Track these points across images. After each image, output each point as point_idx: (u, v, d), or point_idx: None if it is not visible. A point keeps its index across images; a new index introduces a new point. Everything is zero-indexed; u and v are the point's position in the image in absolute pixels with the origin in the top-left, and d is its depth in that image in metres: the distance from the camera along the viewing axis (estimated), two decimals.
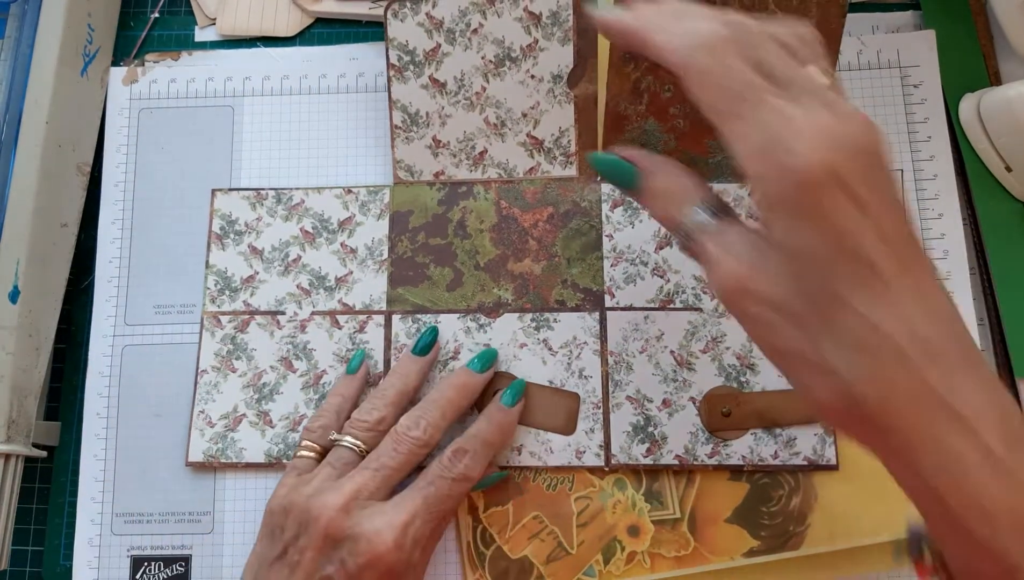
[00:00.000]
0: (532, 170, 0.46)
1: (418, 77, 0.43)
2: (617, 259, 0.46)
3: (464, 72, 0.43)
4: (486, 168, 0.45)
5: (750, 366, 0.44)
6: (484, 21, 0.43)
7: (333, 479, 0.40)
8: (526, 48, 0.44)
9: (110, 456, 0.46)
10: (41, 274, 0.45)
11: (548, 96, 0.44)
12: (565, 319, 0.45)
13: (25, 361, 0.44)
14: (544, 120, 0.44)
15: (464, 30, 0.44)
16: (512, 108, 0.44)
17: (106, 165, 0.50)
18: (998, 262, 0.46)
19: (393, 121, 0.45)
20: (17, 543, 0.47)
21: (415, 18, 0.43)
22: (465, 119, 0.44)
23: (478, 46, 0.43)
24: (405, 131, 0.44)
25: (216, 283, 0.47)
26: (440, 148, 0.45)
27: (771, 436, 0.44)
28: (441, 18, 0.44)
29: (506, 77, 0.43)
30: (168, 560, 0.45)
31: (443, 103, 0.44)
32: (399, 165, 0.47)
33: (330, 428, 0.42)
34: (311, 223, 0.48)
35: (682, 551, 0.43)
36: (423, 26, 0.43)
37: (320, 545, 0.37)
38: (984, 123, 0.47)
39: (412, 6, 0.44)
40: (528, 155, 0.46)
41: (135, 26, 0.53)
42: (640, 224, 0.46)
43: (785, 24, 0.29)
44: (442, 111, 0.44)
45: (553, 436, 0.44)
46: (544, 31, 0.43)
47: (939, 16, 0.50)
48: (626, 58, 0.43)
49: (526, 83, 0.43)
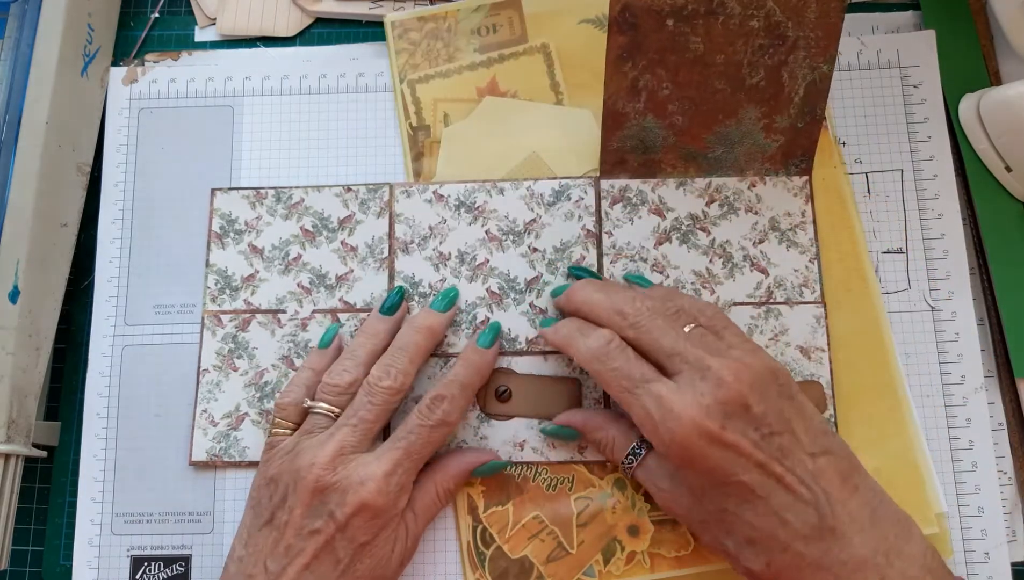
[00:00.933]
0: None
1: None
2: (617, 256, 0.46)
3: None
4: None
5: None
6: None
7: (312, 443, 0.40)
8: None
9: (110, 456, 0.46)
10: (41, 274, 0.45)
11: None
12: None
13: (25, 361, 0.44)
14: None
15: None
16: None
17: (106, 165, 0.50)
18: (998, 262, 0.46)
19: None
20: (17, 543, 0.47)
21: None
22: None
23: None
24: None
25: (216, 282, 0.47)
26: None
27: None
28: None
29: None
30: (168, 560, 0.45)
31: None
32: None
33: (302, 401, 0.43)
34: (311, 222, 0.48)
35: (682, 551, 0.43)
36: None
37: (308, 501, 0.38)
38: (984, 123, 0.47)
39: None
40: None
41: (135, 26, 0.53)
42: (639, 220, 0.46)
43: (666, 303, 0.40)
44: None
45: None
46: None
47: (939, 16, 0.50)
48: (623, 57, 0.43)
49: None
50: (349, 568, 0.38)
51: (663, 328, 0.38)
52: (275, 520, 0.39)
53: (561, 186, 0.47)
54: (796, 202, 0.46)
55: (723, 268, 0.46)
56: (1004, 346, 0.46)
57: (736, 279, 0.46)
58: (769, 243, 0.46)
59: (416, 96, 0.50)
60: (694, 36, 0.42)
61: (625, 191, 0.47)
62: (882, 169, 0.48)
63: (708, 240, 0.46)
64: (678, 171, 0.47)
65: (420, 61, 0.50)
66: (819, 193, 0.47)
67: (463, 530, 0.44)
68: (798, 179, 0.47)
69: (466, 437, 0.44)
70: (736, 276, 0.46)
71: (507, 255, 0.46)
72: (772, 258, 0.46)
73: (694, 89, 0.44)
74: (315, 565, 0.38)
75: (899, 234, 0.47)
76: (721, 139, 0.45)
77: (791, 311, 0.45)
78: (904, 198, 0.47)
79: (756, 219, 0.46)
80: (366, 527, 0.39)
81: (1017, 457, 0.45)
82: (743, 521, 0.36)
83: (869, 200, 0.47)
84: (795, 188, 0.47)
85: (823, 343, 0.45)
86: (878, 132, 0.48)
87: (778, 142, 0.46)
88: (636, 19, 0.42)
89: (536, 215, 0.47)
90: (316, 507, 0.38)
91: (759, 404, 0.36)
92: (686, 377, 0.37)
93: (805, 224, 0.46)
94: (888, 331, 0.45)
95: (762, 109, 0.44)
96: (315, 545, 0.38)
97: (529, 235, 0.47)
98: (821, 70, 0.43)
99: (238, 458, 0.45)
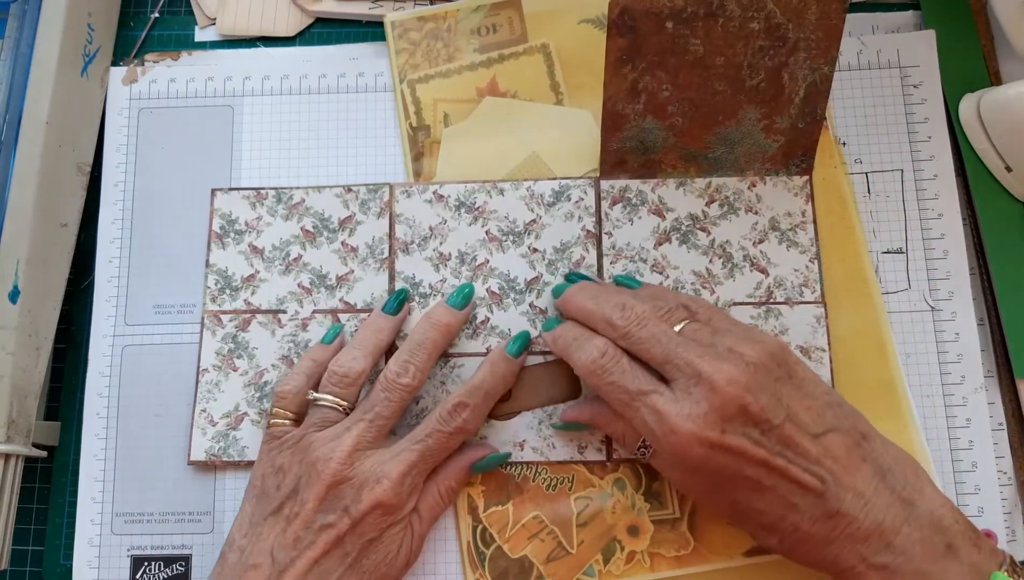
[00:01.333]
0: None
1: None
2: (616, 256, 0.46)
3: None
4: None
5: None
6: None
7: (326, 435, 0.41)
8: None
9: (110, 456, 0.46)
10: (41, 274, 0.45)
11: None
12: None
13: (25, 361, 0.44)
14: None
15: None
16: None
17: (106, 165, 0.50)
18: (998, 262, 0.46)
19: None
20: (17, 543, 0.47)
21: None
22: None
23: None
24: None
25: (216, 282, 0.47)
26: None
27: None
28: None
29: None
30: (168, 560, 0.45)
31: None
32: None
33: (303, 394, 0.43)
34: (311, 222, 0.48)
35: (682, 551, 0.43)
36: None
37: (322, 495, 0.39)
38: (984, 123, 0.47)
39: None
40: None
41: (135, 26, 0.53)
42: (639, 220, 0.46)
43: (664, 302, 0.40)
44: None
45: (556, 431, 0.44)
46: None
47: (939, 16, 0.50)
48: (623, 59, 0.43)
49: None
50: (356, 563, 0.39)
51: (653, 336, 0.38)
52: (283, 511, 0.39)
53: (561, 186, 0.47)
54: (796, 202, 0.46)
55: (723, 268, 0.46)
56: (1004, 346, 0.46)
57: (736, 279, 0.46)
58: (769, 243, 0.46)
59: (416, 96, 0.50)
60: (694, 38, 0.42)
61: (625, 191, 0.47)
62: (882, 169, 0.48)
63: (708, 240, 0.46)
64: (678, 171, 0.47)
65: (420, 61, 0.50)
66: (819, 193, 0.47)
67: (463, 530, 0.44)
68: (799, 179, 0.47)
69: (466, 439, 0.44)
70: (736, 276, 0.46)
71: (507, 256, 0.46)
72: (772, 258, 0.46)
73: (694, 91, 0.44)
74: (324, 560, 0.38)
75: (899, 234, 0.47)
76: (721, 140, 0.45)
77: (791, 311, 0.45)
78: (904, 198, 0.47)
79: (756, 219, 0.46)
80: (377, 524, 0.39)
81: (1017, 457, 0.45)
82: (754, 510, 0.37)
83: (869, 200, 0.47)
84: (795, 188, 0.47)
85: (823, 343, 0.45)
86: (878, 132, 0.48)
87: (778, 142, 0.46)
88: (635, 22, 0.42)
89: (536, 215, 0.47)
90: (331, 501, 0.39)
91: (756, 401, 0.36)
92: (680, 385, 0.37)
93: (805, 224, 0.46)
94: (888, 331, 0.45)
95: (762, 110, 0.44)
96: (327, 539, 0.38)
97: (529, 235, 0.47)
98: (822, 71, 0.43)
99: (237, 458, 0.45)
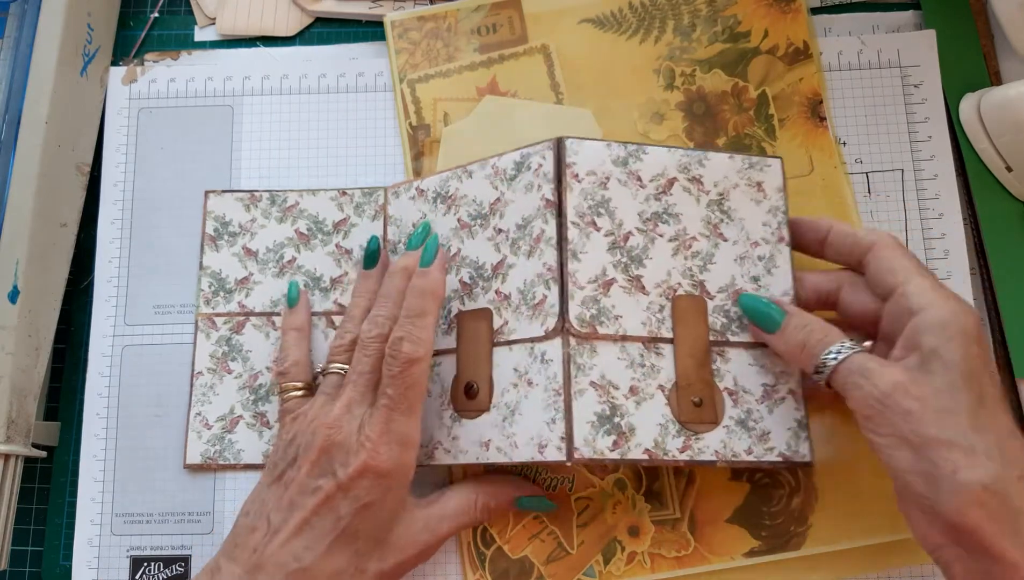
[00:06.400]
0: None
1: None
2: (576, 183, 0.42)
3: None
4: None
5: (720, 353, 0.42)
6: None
7: (320, 401, 0.42)
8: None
9: (110, 456, 0.46)
10: (41, 274, 0.45)
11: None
12: None
13: (25, 361, 0.44)
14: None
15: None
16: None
17: (105, 165, 0.50)
18: (998, 262, 0.46)
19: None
20: (17, 543, 0.47)
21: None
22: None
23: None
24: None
25: (210, 285, 0.47)
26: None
27: (744, 430, 0.41)
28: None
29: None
30: (168, 560, 0.45)
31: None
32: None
33: (303, 362, 0.44)
34: (306, 225, 0.48)
35: (682, 551, 0.43)
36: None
37: (316, 459, 0.39)
38: (984, 123, 0.47)
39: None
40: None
41: (135, 26, 0.53)
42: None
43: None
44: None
45: (518, 430, 0.40)
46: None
47: (939, 16, 0.50)
48: None
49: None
50: (349, 527, 0.39)
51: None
52: (284, 478, 0.40)
53: (522, 157, 0.44)
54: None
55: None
56: (1004, 346, 0.46)
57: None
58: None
59: (416, 96, 0.50)
60: None
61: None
62: (882, 169, 0.48)
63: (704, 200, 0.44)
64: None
65: (420, 61, 0.50)
66: (819, 193, 0.47)
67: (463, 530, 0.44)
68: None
69: (440, 437, 0.43)
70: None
71: (476, 241, 0.44)
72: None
73: None
74: (315, 520, 0.39)
75: (899, 234, 0.47)
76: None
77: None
78: (904, 198, 0.47)
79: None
80: (372, 487, 0.39)
81: None
82: (991, 415, 0.35)
83: (869, 200, 0.47)
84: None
85: None
86: (878, 132, 0.48)
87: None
88: None
89: (500, 193, 0.44)
90: (323, 465, 0.39)
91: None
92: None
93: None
94: None
95: None
96: (316, 500, 0.39)
97: (494, 216, 0.44)
98: None
99: (233, 461, 0.45)
